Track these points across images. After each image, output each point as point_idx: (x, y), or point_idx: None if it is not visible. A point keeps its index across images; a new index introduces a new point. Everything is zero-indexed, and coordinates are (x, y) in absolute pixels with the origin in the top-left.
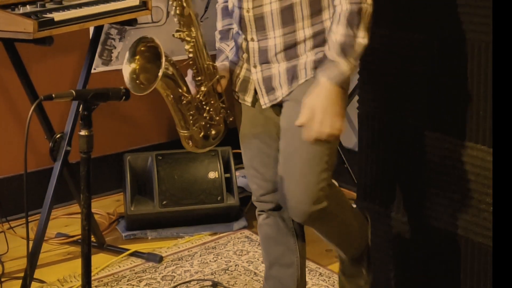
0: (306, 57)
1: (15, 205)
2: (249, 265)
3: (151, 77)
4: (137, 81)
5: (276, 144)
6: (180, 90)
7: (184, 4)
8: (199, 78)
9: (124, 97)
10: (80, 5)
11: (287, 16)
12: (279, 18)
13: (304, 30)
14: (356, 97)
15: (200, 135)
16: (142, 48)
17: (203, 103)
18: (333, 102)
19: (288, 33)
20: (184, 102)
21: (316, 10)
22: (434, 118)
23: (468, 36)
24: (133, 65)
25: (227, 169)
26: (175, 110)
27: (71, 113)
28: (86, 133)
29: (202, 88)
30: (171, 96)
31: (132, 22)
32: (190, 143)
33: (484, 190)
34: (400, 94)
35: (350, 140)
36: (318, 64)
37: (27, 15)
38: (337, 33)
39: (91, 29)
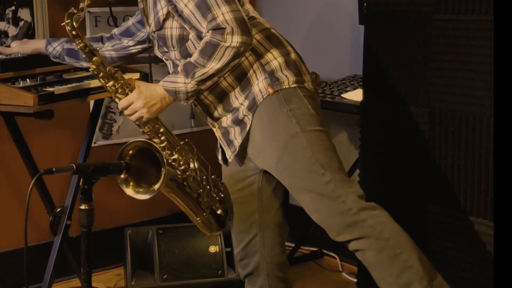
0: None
1: (16, 279)
2: None
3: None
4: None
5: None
6: (179, 177)
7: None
8: (178, 156)
9: (124, 171)
10: (80, 79)
11: None
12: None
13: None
14: (357, 171)
15: (212, 217)
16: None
17: (199, 179)
18: (157, 101)
19: None
20: (188, 183)
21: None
22: (436, 192)
23: (470, 109)
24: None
25: (228, 243)
26: (184, 200)
27: (71, 187)
28: (87, 207)
29: (194, 165)
30: (176, 191)
31: None
32: (206, 228)
33: (486, 264)
34: (402, 168)
35: None
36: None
37: (27, 88)
38: (192, 56)
39: (92, 103)
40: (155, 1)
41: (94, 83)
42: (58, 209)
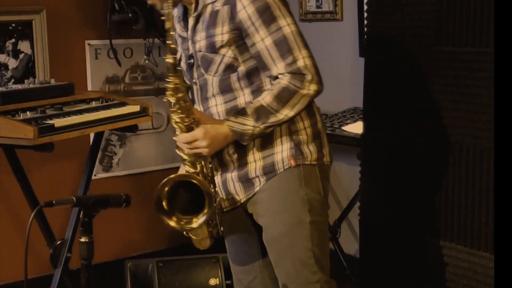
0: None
1: None
2: None
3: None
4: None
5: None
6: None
7: None
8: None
9: (124, 204)
10: (80, 111)
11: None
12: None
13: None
14: (358, 204)
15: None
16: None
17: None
18: (220, 140)
19: None
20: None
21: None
22: (436, 225)
23: (470, 141)
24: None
25: (228, 275)
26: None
27: (72, 220)
28: (87, 240)
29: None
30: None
31: (133, 128)
32: (201, 244)
33: None
34: (402, 200)
35: (352, 247)
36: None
37: (27, 121)
38: (264, 98)
39: (92, 135)
40: (214, 22)
41: (94, 115)
42: (58, 242)
